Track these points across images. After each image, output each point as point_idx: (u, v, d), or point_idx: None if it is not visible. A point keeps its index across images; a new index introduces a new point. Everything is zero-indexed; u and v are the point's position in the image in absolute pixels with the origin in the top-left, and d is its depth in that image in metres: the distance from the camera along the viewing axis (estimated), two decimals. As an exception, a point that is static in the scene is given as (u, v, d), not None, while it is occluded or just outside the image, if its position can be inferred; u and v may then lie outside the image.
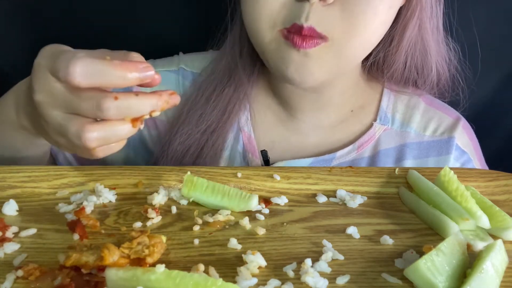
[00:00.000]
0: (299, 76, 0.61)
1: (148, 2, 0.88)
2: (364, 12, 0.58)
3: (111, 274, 0.40)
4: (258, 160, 0.73)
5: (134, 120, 0.43)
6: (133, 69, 0.41)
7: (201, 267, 0.43)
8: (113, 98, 0.41)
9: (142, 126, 0.44)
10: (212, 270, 0.43)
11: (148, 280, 0.39)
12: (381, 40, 0.66)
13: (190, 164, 0.72)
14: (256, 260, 0.44)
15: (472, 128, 0.77)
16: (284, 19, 0.59)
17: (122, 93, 0.42)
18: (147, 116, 0.44)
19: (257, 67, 0.74)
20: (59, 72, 0.41)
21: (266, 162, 0.71)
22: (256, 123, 0.75)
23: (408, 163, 0.72)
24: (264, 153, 0.71)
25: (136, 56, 0.45)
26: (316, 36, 0.58)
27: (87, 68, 0.40)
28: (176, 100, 0.44)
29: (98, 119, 0.42)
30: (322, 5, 0.57)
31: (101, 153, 0.45)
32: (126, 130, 0.43)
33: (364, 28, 0.59)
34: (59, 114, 0.44)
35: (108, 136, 0.42)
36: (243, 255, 0.44)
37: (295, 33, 0.58)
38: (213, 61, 0.76)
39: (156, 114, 0.43)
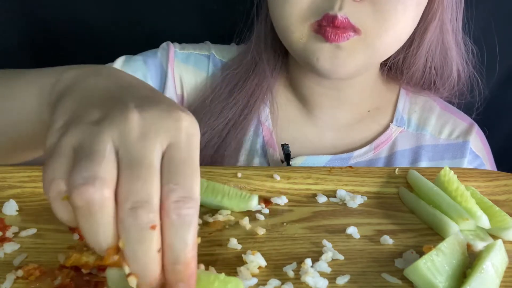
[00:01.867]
0: (331, 66, 0.62)
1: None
2: (394, 8, 0.59)
3: (112, 273, 0.40)
4: (278, 154, 0.74)
5: (113, 250, 0.32)
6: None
7: (201, 267, 0.43)
8: (151, 224, 0.31)
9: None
10: (212, 270, 0.43)
11: None
12: None
13: (210, 155, 0.72)
14: (256, 260, 0.44)
15: (485, 133, 0.77)
16: (314, 12, 0.60)
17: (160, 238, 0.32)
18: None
19: (279, 61, 0.75)
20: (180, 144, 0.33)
21: (287, 156, 0.71)
22: (276, 117, 0.76)
23: (423, 164, 0.73)
24: (286, 147, 0.71)
25: None
26: (349, 28, 0.59)
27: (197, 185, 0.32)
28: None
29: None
30: (353, 0, 0.58)
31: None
32: (99, 235, 0.32)
33: (395, 24, 0.60)
34: (76, 144, 0.32)
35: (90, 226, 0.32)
36: (243, 255, 0.44)
37: (328, 25, 0.59)
38: (238, 54, 0.77)
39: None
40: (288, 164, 0.70)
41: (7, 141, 0.50)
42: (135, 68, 0.74)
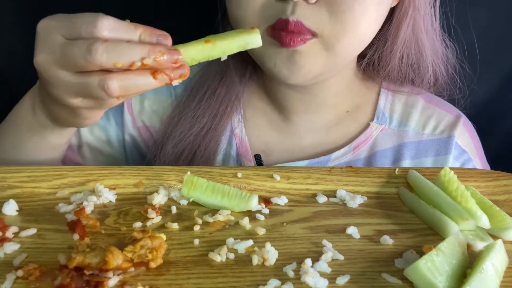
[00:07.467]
0: (289, 71, 0.60)
1: (144, 3, 0.88)
2: (351, 9, 0.57)
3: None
4: (252, 164, 0.73)
5: (155, 72, 0.44)
6: (152, 33, 0.44)
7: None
8: (102, 41, 0.42)
9: (174, 83, 0.45)
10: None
11: None
12: (376, 41, 0.66)
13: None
14: (269, 250, 0.45)
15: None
16: (267, 16, 0.58)
17: (113, 38, 0.43)
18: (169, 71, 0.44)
19: (249, 68, 0.74)
20: (81, 26, 0.43)
21: (260, 166, 0.70)
22: (249, 126, 0.74)
23: (406, 163, 0.71)
24: (257, 157, 0.70)
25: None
26: (305, 32, 0.57)
27: (113, 23, 0.43)
28: (173, 55, 0.44)
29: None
30: (306, 3, 0.56)
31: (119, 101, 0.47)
32: (146, 81, 0.44)
33: (354, 26, 0.58)
34: (65, 74, 0.44)
35: (129, 85, 0.44)
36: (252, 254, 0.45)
37: (281, 29, 0.57)
38: (205, 64, 0.76)
39: (148, 61, 0.43)
40: None
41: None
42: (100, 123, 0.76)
